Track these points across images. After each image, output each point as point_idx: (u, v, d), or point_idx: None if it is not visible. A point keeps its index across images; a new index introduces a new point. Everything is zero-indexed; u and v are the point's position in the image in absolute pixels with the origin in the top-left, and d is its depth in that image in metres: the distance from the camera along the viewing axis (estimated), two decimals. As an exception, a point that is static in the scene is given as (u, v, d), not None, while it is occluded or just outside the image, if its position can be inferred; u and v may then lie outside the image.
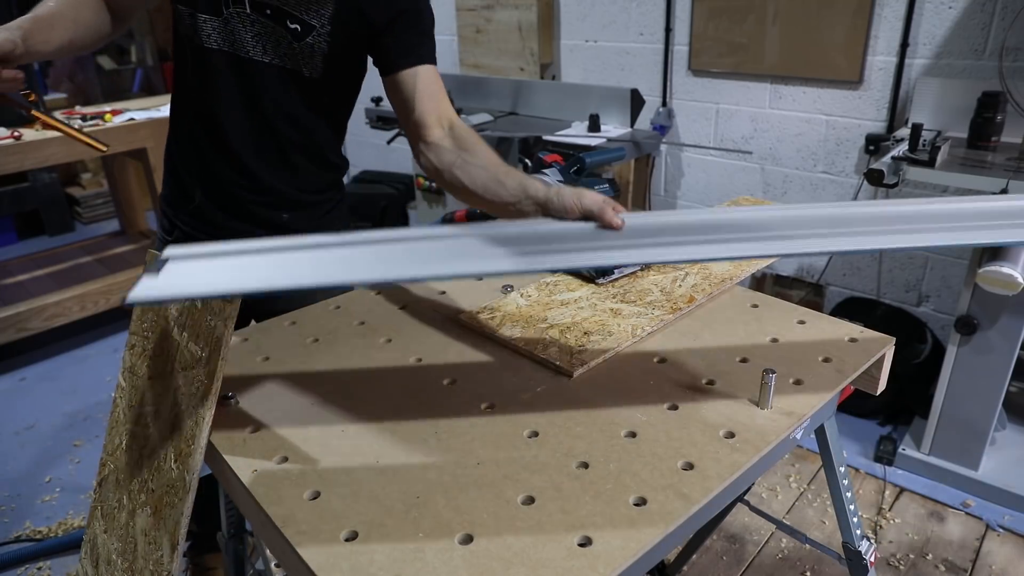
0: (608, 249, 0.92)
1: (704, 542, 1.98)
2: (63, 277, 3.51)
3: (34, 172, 4.60)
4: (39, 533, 2.21)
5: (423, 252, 0.91)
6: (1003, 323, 2.02)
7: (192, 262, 0.85)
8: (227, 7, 1.19)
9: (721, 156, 3.08)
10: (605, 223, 0.94)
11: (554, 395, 1.06)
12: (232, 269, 0.85)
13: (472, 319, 1.25)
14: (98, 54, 5.43)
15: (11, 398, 2.99)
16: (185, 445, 0.95)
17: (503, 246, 0.90)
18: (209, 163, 1.35)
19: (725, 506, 1.53)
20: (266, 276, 0.83)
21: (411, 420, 1.01)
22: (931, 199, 0.97)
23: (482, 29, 3.57)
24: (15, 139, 2.84)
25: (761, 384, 0.98)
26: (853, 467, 2.35)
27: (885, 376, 1.16)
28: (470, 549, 0.77)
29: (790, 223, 0.93)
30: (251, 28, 1.21)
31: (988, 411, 2.13)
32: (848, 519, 1.24)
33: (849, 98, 2.63)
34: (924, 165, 1.93)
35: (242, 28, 1.21)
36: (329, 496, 0.86)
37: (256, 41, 1.22)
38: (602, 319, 1.22)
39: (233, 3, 1.19)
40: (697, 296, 1.30)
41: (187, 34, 1.24)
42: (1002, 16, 2.23)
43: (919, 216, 0.93)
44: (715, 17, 2.86)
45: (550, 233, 0.97)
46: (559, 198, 0.98)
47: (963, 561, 1.97)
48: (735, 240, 0.90)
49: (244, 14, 1.20)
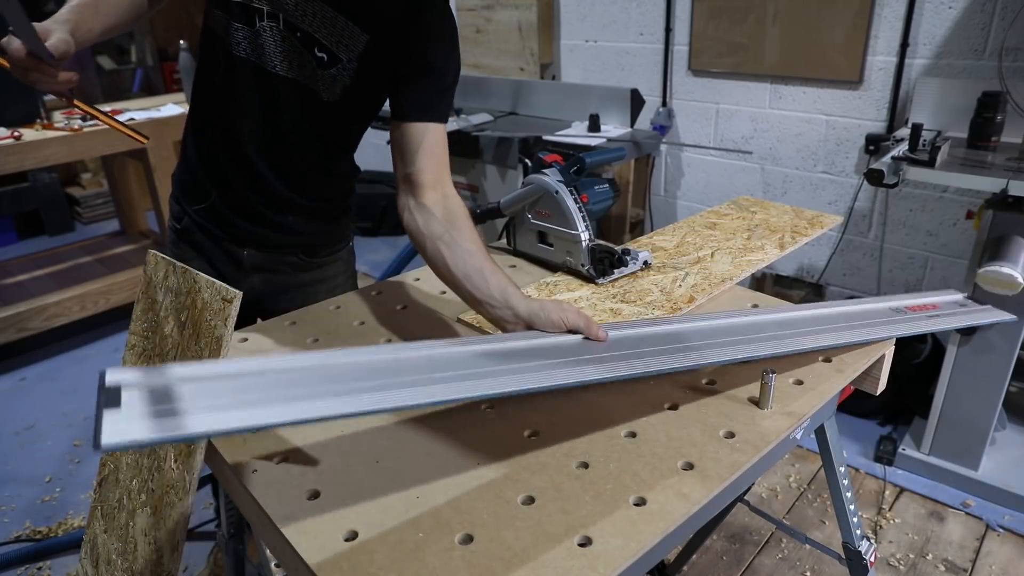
0: (601, 362, 0.96)
1: (704, 542, 1.98)
2: (63, 277, 3.51)
3: (34, 172, 4.60)
4: (39, 533, 2.20)
5: (430, 370, 0.88)
6: (1003, 323, 2.02)
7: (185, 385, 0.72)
8: (260, 20, 1.20)
9: (721, 156, 3.08)
10: (591, 336, 1.02)
11: (554, 395, 1.06)
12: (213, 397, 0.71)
13: (475, 320, 1.25)
14: (98, 54, 5.43)
15: (11, 398, 2.99)
16: (185, 445, 0.95)
17: (507, 362, 0.92)
18: (224, 166, 1.35)
19: (725, 506, 1.53)
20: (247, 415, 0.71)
21: (411, 420, 1.01)
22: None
23: (482, 29, 3.57)
24: (15, 139, 2.84)
25: (761, 384, 0.98)
26: (853, 467, 2.35)
27: (885, 376, 1.16)
28: (470, 549, 0.77)
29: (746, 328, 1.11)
30: (280, 44, 1.22)
31: (988, 411, 2.13)
32: (848, 519, 1.24)
33: (849, 98, 2.63)
34: (924, 165, 1.93)
35: (272, 42, 1.22)
36: (329, 496, 0.86)
37: (283, 57, 1.23)
38: (602, 319, 1.22)
39: (268, 17, 1.20)
40: (697, 296, 1.30)
41: (219, 38, 1.24)
42: (1002, 16, 2.23)
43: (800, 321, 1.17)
44: (715, 17, 2.86)
45: (546, 347, 1.00)
46: (544, 313, 1.02)
47: (963, 561, 1.97)
48: (699, 348, 1.02)
49: (276, 28, 1.21)
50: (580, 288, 1.36)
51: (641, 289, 1.33)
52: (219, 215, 1.39)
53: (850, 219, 2.75)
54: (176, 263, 1.06)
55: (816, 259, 2.93)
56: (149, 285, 1.11)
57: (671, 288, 1.33)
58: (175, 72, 5.32)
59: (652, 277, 1.38)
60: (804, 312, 1.21)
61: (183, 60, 3.45)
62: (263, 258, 1.43)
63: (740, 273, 1.39)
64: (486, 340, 0.98)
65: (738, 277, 1.38)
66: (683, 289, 1.32)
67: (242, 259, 1.42)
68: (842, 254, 2.83)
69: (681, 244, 1.54)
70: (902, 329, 1.19)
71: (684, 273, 1.39)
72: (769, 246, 1.51)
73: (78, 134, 2.99)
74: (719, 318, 1.14)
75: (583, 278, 1.40)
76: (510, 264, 1.54)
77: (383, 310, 1.35)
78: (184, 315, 1.02)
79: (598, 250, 1.37)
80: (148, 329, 1.09)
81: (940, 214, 2.54)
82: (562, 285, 1.38)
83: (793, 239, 1.54)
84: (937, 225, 2.56)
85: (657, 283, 1.36)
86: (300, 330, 1.28)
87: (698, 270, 1.41)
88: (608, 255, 1.37)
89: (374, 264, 4.10)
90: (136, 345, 1.11)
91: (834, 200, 2.79)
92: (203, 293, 0.99)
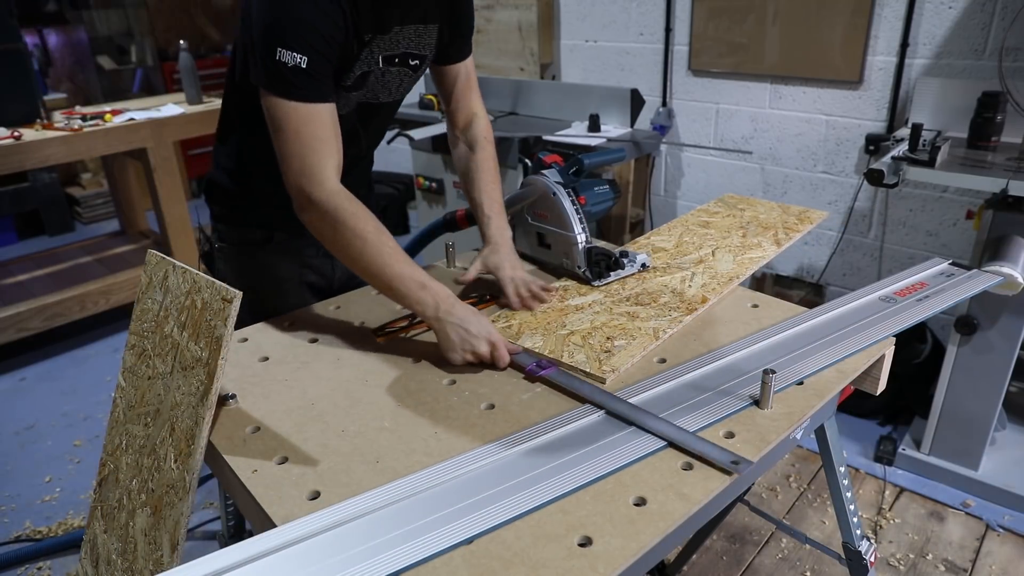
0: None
1: (704, 542, 1.98)
2: (63, 277, 3.51)
3: (34, 172, 4.60)
4: (39, 533, 2.20)
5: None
6: (1003, 323, 2.02)
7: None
8: (370, 76, 1.27)
9: (721, 156, 3.08)
10: (497, 363, 1.12)
11: (554, 395, 1.06)
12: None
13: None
14: (98, 54, 5.43)
15: (11, 398, 2.99)
16: (185, 445, 0.95)
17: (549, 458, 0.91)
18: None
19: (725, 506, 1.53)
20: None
21: (411, 420, 1.01)
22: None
23: (482, 29, 3.57)
24: (15, 139, 2.83)
25: (761, 384, 0.98)
26: (853, 467, 2.35)
27: (885, 376, 1.16)
28: (470, 549, 0.77)
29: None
30: (382, 78, 1.30)
31: (988, 411, 2.13)
32: (848, 519, 1.24)
33: (849, 98, 2.63)
34: (924, 165, 1.93)
35: (378, 83, 1.30)
36: (329, 496, 0.86)
37: (387, 88, 1.33)
38: (621, 323, 1.22)
39: (377, 68, 1.27)
40: (709, 296, 1.30)
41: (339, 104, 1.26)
42: (1002, 16, 2.23)
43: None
44: (715, 17, 2.86)
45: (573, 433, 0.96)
46: (500, 273, 1.31)
47: (963, 561, 1.97)
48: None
49: (380, 70, 1.28)
50: (592, 292, 1.35)
51: (652, 291, 1.33)
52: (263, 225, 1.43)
53: (850, 219, 2.75)
54: (176, 263, 1.06)
55: (816, 259, 2.93)
56: (149, 285, 1.11)
57: (681, 288, 1.33)
58: (175, 72, 5.32)
59: (660, 278, 1.38)
60: (796, 329, 1.19)
61: (183, 60, 3.44)
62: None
63: (745, 271, 1.39)
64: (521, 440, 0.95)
65: (744, 275, 1.38)
66: (693, 289, 1.32)
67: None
68: (842, 254, 2.83)
69: (680, 244, 1.54)
70: (896, 323, 1.18)
71: (691, 273, 1.39)
72: (766, 243, 1.52)
73: (78, 134, 2.99)
74: (714, 361, 1.11)
75: (581, 280, 1.39)
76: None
77: (383, 310, 1.35)
78: (184, 315, 1.02)
79: (594, 252, 1.37)
80: (148, 329, 1.09)
81: (940, 214, 2.54)
82: (572, 289, 1.37)
83: (787, 235, 1.55)
84: (937, 225, 2.56)
85: (667, 284, 1.35)
86: (300, 330, 1.29)
87: (703, 269, 1.41)
88: (605, 257, 1.36)
89: (374, 264, 4.09)
90: (136, 345, 1.11)
91: (834, 200, 2.79)
92: (203, 293, 0.99)
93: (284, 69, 1.09)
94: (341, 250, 1.14)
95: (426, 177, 3.27)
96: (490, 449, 0.92)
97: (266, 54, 1.09)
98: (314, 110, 1.13)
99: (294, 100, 1.11)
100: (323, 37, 1.11)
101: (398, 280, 1.13)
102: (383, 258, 1.13)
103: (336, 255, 1.17)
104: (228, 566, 0.74)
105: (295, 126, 1.12)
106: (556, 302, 1.32)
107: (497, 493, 0.84)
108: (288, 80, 1.10)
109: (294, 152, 1.13)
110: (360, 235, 1.12)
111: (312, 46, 1.10)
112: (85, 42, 5.36)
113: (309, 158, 1.13)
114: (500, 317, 1.27)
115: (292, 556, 0.76)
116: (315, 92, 1.12)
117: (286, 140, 1.13)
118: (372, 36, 1.21)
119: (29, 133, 2.94)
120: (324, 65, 1.13)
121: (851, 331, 1.17)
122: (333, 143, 1.16)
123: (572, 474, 0.87)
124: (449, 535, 0.78)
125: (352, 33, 1.17)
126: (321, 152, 1.14)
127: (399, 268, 1.14)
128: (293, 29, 1.09)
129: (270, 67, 1.10)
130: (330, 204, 1.12)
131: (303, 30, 1.09)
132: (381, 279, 1.14)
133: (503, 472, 0.88)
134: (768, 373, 0.97)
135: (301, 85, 1.11)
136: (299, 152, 1.13)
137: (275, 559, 0.75)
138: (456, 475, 0.88)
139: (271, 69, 1.10)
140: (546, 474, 0.87)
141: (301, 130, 1.12)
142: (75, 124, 3.03)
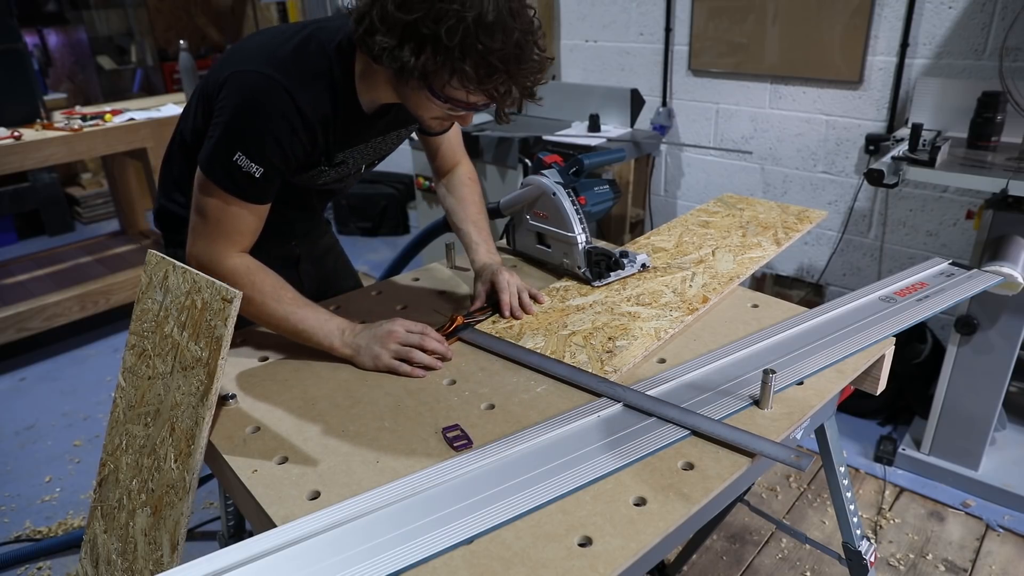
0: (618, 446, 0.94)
1: (704, 542, 1.98)
2: (63, 277, 3.51)
3: (34, 172, 4.60)
4: (39, 533, 2.20)
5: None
6: (1003, 323, 2.02)
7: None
8: (348, 162, 1.27)
9: (721, 156, 3.08)
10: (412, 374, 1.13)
11: (554, 395, 1.06)
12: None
13: (491, 330, 1.24)
14: (98, 54, 5.43)
15: (11, 398, 2.99)
16: (185, 445, 0.95)
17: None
18: (294, 224, 1.42)
19: (725, 506, 1.53)
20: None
21: (411, 420, 1.01)
22: None
23: (482, 29, 3.57)
24: (15, 139, 2.83)
25: (761, 384, 0.98)
26: (853, 467, 2.35)
27: (885, 376, 1.16)
28: (470, 549, 0.77)
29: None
30: (360, 159, 1.30)
31: (988, 411, 2.13)
32: (848, 519, 1.24)
33: (849, 98, 2.63)
34: (924, 165, 1.93)
35: (360, 158, 1.30)
36: (329, 496, 0.86)
37: (369, 157, 1.32)
38: (622, 323, 1.22)
39: (382, 134, 1.28)
40: (710, 296, 1.29)
41: (296, 186, 1.26)
42: (1002, 16, 2.23)
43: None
44: (715, 17, 2.86)
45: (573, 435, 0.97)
46: (486, 275, 1.31)
47: (963, 561, 1.97)
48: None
49: (357, 158, 1.28)
50: (593, 292, 1.35)
51: (653, 291, 1.33)
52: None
53: (850, 219, 2.75)
54: (176, 263, 1.06)
55: (816, 259, 2.93)
56: (149, 285, 1.11)
57: (682, 288, 1.33)
58: (175, 72, 5.32)
59: (661, 278, 1.38)
60: (796, 329, 1.19)
61: (183, 60, 3.44)
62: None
63: (745, 271, 1.39)
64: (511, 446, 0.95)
65: (744, 275, 1.37)
66: (694, 289, 1.32)
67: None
68: (842, 254, 2.83)
69: (680, 244, 1.54)
70: (896, 323, 1.18)
71: (691, 273, 1.39)
72: (765, 243, 1.51)
73: (78, 134, 2.99)
74: (711, 362, 1.12)
75: (581, 280, 1.39)
76: (511, 265, 1.54)
77: (383, 310, 1.35)
78: (184, 315, 1.02)
79: (594, 252, 1.37)
80: (148, 329, 1.09)
81: (940, 214, 2.54)
82: (573, 290, 1.37)
83: (787, 235, 1.55)
84: (937, 225, 2.56)
85: (667, 284, 1.35)
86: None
87: (703, 269, 1.41)
88: (604, 258, 1.36)
89: (374, 264, 4.09)
90: (136, 345, 1.11)
91: (834, 200, 2.79)
92: (203, 293, 0.99)
93: (236, 171, 1.09)
94: (243, 309, 1.13)
95: (426, 177, 3.27)
96: (490, 449, 0.92)
97: (224, 150, 1.08)
98: (245, 209, 1.14)
99: (232, 195, 1.11)
100: (285, 155, 1.11)
101: (303, 321, 1.16)
102: (284, 305, 1.16)
103: (242, 314, 1.18)
104: (228, 566, 0.74)
105: (218, 215, 1.13)
106: (557, 303, 1.32)
107: (497, 493, 0.84)
108: (236, 181, 1.10)
109: (207, 234, 1.14)
110: (259, 290, 1.14)
111: (271, 161, 1.10)
112: (85, 42, 5.36)
113: (217, 244, 1.14)
114: (501, 318, 1.27)
115: (292, 556, 0.76)
116: (256, 197, 1.13)
117: (204, 223, 1.14)
118: (347, 152, 1.23)
119: (29, 133, 2.94)
120: (277, 177, 1.14)
121: (851, 331, 1.17)
122: (249, 237, 1.17)
123: (572, 474, 0.87)
124: (449, 535, 0.78)
125: (321, 153, 1.18)
126: (232, 243, 1.15)
127: (302, 311, 1.16)
128: (258, 141, 1.08)
129: (223, 162, 1.09)
130: (227, 278, 1.12)
131: (269, 145, 1.09)
132: (288, 325, 1.16)
133: (503, 472, 0.88)
134: (768, 373, 0.97)
135: (245, 188, 1.11)
136: (212, 236, 1.14)
137: (275, 559, 0.75)
138: (456, 475, 0.88)
139: (223, 164, 1.09)
140: (546, 474, 0.87)
141: (223, 221, 1.13)
142: (75, 124, 3.03)
